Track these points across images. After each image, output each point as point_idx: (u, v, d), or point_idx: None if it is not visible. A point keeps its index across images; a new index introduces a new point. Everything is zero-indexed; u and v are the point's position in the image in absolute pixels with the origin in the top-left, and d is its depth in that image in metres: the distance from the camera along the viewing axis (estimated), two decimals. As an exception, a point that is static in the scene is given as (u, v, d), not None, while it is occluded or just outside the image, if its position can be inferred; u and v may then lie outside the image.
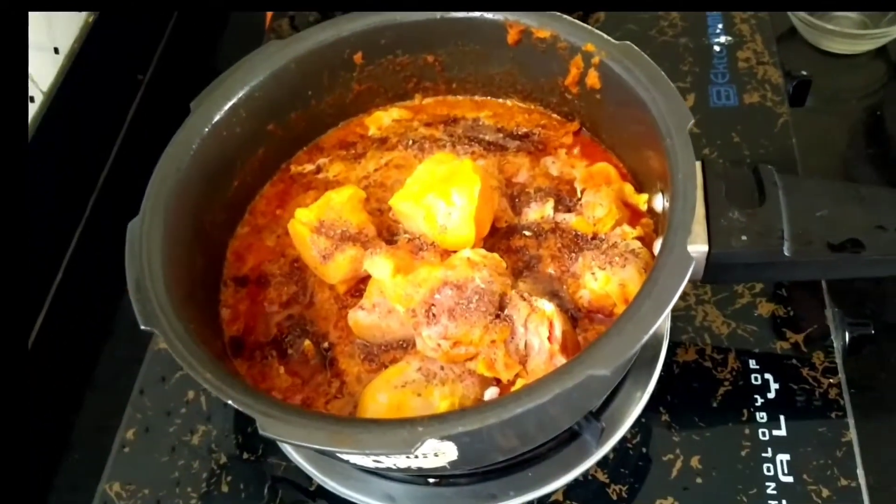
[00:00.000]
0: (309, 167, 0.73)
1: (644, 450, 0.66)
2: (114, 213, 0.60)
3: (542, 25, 0.67)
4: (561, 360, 0.56)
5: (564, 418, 0.59)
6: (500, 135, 0.74)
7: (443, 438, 0.48)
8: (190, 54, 1.15)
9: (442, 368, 0.57)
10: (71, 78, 0.94)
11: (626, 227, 0.64)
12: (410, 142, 0.73)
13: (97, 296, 0.89)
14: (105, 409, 0.77)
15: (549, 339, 0.56)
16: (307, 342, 0.61)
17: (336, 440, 0.47)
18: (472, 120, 0.75)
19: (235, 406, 0.49)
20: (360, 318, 0.60)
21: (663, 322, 0.55)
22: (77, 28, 0.97)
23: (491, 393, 0.57)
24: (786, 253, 0.55)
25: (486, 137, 0.74)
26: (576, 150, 0.72)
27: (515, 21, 0.68)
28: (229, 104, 0.66)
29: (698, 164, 0.58)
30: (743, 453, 0.65)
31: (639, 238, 0.63)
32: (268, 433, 0.47)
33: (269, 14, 1.15)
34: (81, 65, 0.96)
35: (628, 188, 0.67)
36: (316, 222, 0.62)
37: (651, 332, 0.49)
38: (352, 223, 0.63)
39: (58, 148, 0.90)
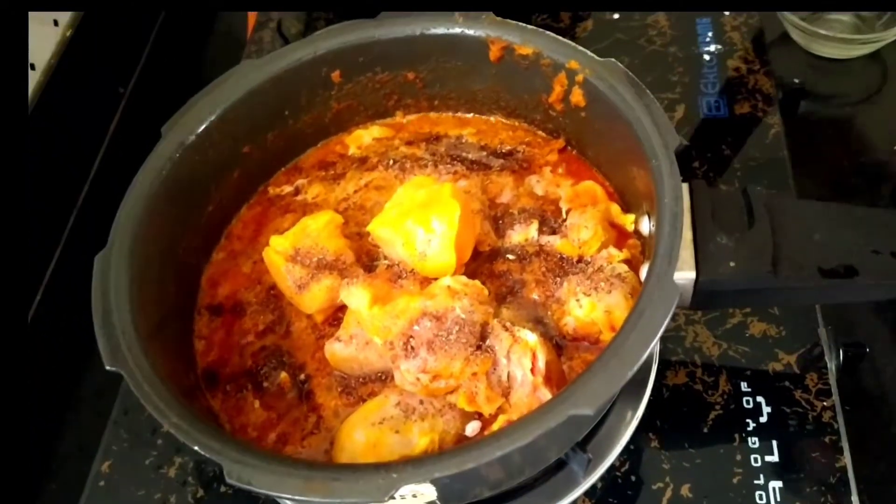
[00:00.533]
0: (287, 189, 0.71)
1: (633, 478, 0.65)
2: (94, 241, 0.58)
3: (524, 42, 0.65)
4: (545, 392, 0.54)
5: (549, 453, 0.57)
6: (484, 153, 0.72)
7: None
8: (173, 65, 1.13)
9: (421, 403, 0.55)
10: (48, 94, 0.92)
11: (613, 250, 0.62)
12: (391, 161, 0.71)
13: (80, 312, 0.87)
14: (83, 438, 0.76)
15: (532, 370, 0.54)
16: (283, 374, 0.59)
17: (308, 489, 0.45)
18: (454, 137, 0.73)
19: (202, 452, 0.47)
20: (337, 350, 0.58)
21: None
22: (54, 43, 0.95)
23: (472, 428, 0.55)
24: (775, 279, 0.53)
25: (469, 156, 0.71)
26: (561, 169, 0.70)
27: (497, 37, 0.66)
28: (202, 127, 0.64)
29: (685, 186, 0.56)
30: (735, 480, 0.63)
31: (626, 261, 0.61)
32: (233, 481, 0.45)
33: (252, 21, 1.13)
34: (59, 80, 0.94)
35: (615, 208, 0.65)
36: (291, 250, 0.60)
37: (637, 367, 0.47)
38: (329, 250, 0.61)
39: (33, 168, 0.88)
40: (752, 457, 0.64)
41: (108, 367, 0.51)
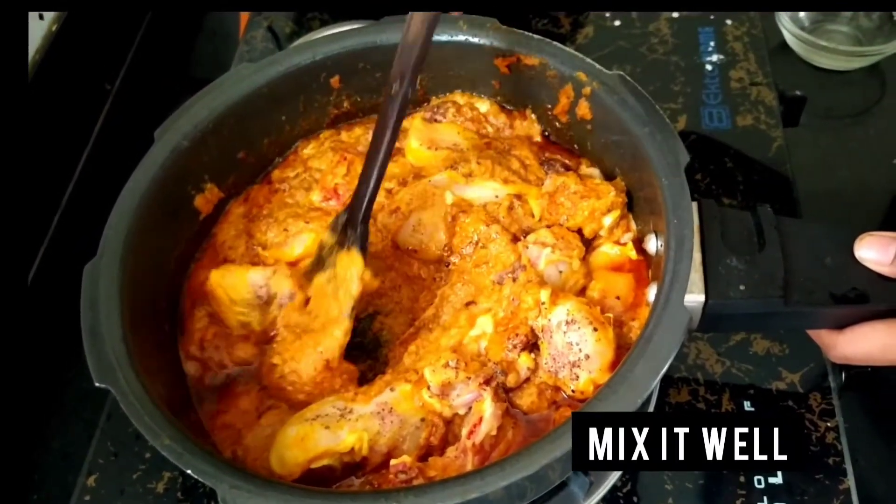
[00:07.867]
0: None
1: (635, 498, 0.63)
2: (78, 245, 0.57)
3: (530, 52, 0.64)
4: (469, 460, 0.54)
5: (551, 477, 0.56)
6: None
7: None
8: (161, 62, 1.10)
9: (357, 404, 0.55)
10: (32, 90, 0.89)
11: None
12: None
13: (65, 316, 0.84)
14: (68, 446, 0.73)
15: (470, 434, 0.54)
16: None
17: (305, 517, 0.43)
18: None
19: (196, 476, 0.45)
20: None
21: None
22: (39, 38, 0.92)
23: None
24: (786, 304, 0.52)
25: None
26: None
27: (502, 47, 0.65)
28: (196, 133, 0.62)
29: (694, 205, 0.55)
30: (738, 502, 0.62)
31: None
32: (230, 509, 0.44)
33: (244, 20, 1.11)
34: (44, 76, 0.91)
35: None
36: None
37: (646, 395, 0.46)
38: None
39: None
40: (756, 478, 0.63)
41: (97, 384, 0.49)
